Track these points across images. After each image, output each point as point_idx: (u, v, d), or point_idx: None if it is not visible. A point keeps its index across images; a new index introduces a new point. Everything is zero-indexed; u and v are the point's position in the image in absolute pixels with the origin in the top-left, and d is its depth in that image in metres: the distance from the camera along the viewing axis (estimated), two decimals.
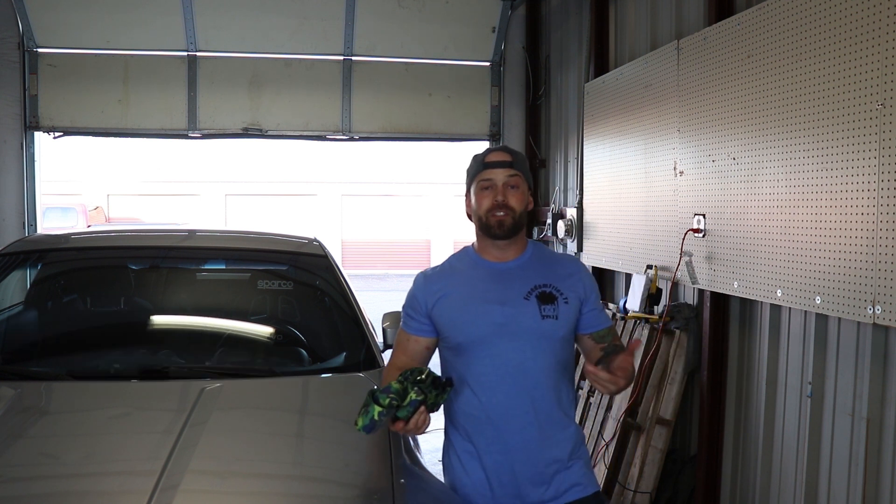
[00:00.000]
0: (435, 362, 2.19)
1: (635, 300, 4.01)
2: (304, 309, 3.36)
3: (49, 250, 3.42)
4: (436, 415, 1.98)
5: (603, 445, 4.08)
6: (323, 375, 2.85)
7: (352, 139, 6.28)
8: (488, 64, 6.30)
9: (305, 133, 6.22)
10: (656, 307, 3.97)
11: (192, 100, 5.97)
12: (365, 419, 1.87)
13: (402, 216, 26.47)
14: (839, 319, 2.80)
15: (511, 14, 6.18)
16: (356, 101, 6.16)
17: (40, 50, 5.79)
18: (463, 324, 2.09)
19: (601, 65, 4.84)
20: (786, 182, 2.91)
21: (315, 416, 2.56)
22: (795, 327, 3.09)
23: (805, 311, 3.00)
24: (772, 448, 3.23)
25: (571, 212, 5.17)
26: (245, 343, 3.11)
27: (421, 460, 2.42)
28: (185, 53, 5.95)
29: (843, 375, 2.80)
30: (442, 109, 6.26)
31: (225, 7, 5.88)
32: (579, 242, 5.05)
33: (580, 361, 2.81)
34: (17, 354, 2.94)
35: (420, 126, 6.27)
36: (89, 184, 24.70)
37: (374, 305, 3.51)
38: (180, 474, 1.92)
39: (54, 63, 5.82)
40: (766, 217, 3.03)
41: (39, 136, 5.89)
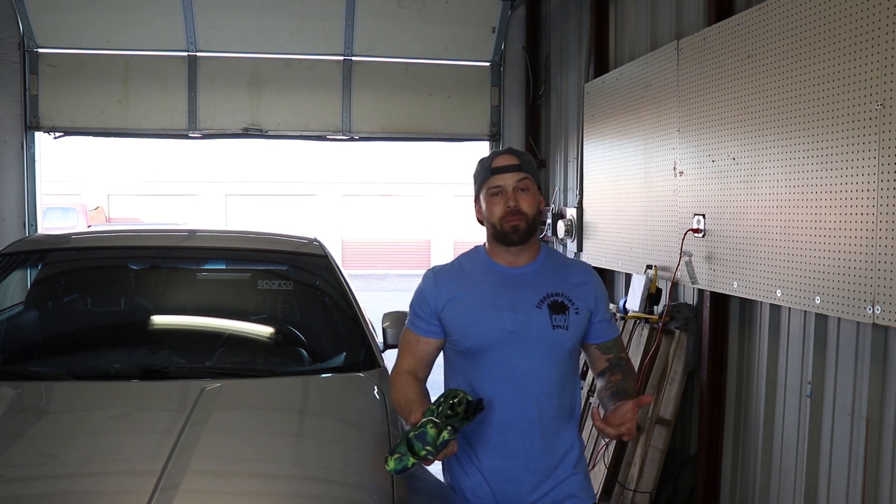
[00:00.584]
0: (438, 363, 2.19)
1: (635, 300, 4.02)
2: (305, 309, 3.36)
3: (49, 250, 3.42)
4: None
5: (603, 445, 4.08)
6: (323, 375, 2.85)
7: (352, 139, 6.28)
8: (488, 64, 6.31)
9: (305, 133, 6.22)
10: (656, 307, 3.98)
11: (193, 100, 5.98)
12: (398, 465, 1.84)
13: (402, 216, 26.48)
14: (839, 319, 2.80)
15: (511, 14, 6.18)
16: (356, 102, 6.17)
17: (41, 50, 5.80)
18: (473, 329, 2.05)
19: (601, 65, 4.85)
20: (785, 182, 2.91)
21: (315, 416, 2.56)
22: (795, 327, 3.09)
23: (805, 311, 3.00)
24: (771, 448, 3.24)
25: (571, 212, 5.17)
26: (245, 343, 3.12)
27: None
28: (186, 53, 5.96)
29: (843, 375, 2.80)
30: (442, 109, 6.27)
31: (225, 7, 5.89)
32: (579, 242, 5.05)
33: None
34: (18, 354, 2.94)
35: (420, 126, 6.27)
36: (89, 184, 24.71)
37: (374, 305, 3.51)
38: (180, 474, 1.92)
39: (55, 63, 5.83)
40: (766, 217, 3.03)
41: (40, 137, 5.89)
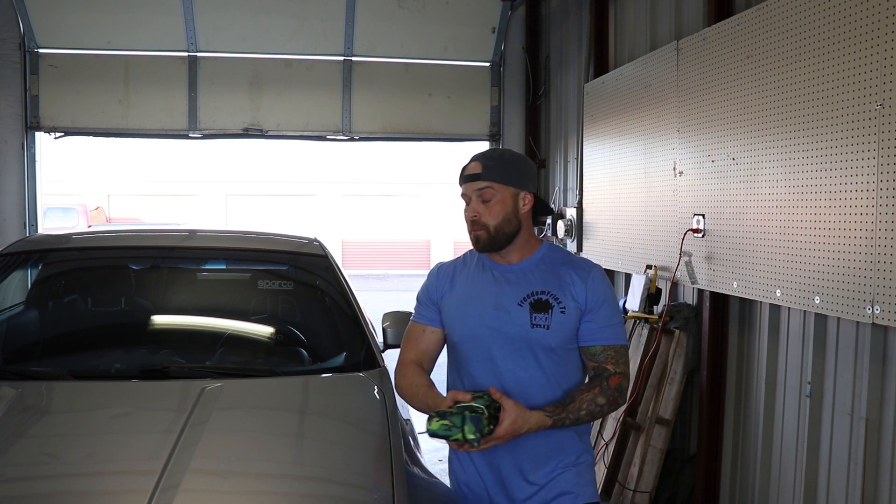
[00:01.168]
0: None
1: (635, 300, 4.02)
2: (305, 309, 3.37)
3: (50, 250, 3.42)
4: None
5: (603, 445, 4.09)
6: (323, 375, 2.85)
7: (352, 139, 6.29)
8: (488, 64, 6.31)
9: (305, 133, 6.23)
10: (656, 307, 3.98)
11: (193, 100, 5.99)
12: (443, 431, 1.82)
13: (402, 216, 26.48)
14: (838, 319, 2.81)
15: (511, 14, 6.19)
16: (356, 102, 6.18)
17: (41, 50, 5.80)
18: (458, 322, 2.09)
19: (601, 65, 4.85)
20: (785, 182, 2.91)
21: (315, 416, 2.56)
22: (795, 327, 3.09)
23: (804, 311, 3.00)
24: (771, 447, 3.24)
25: (571, 212, 5.17)
26: (245, 343, 3.12)
27: (421, 460, 2.43)
28: (186, 54, 5.96)
29: (842, 375, 2.80)
30: (442, 110, 6.27)
31: (225, 8, 5.89)
32: (579, 242, 5.06)
33: None
34: (18, 354, 2.94)
35: (420, 126, 6.28)
36: (90, 184, 24.72)
37: (374, 305, 3.51)
38: (181, 474, 1.93)
39: (55, 63, 5.84)
40: (766, 217, 3.03)
41: (40, 137, 5.90)
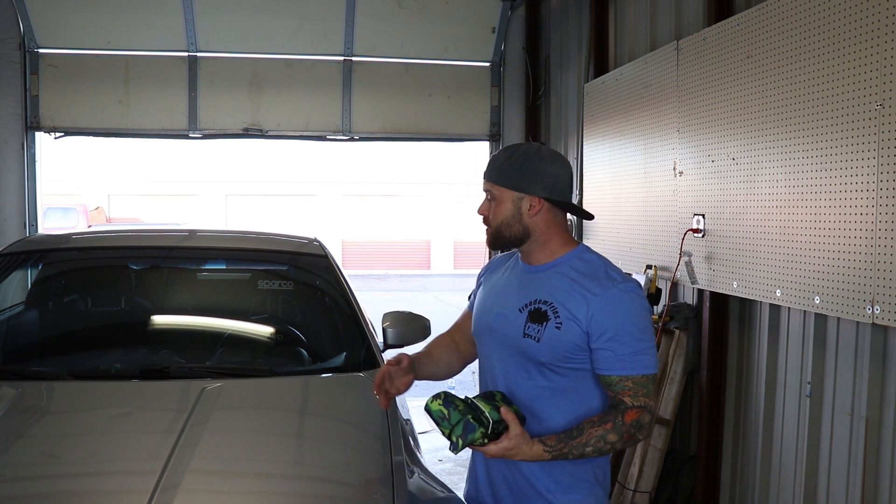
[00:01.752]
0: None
1: None
2: (305, 309, 3.37)
3: (50, 250, 3.43)
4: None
5: None
6: (323, 375, 2.86)
7: (352, 139, 6.29)
8: (488, 64, 6.31)
9: (305, 133, 6.23)
10: (656, 307, 3.98)
11: (193, 100, 5.99)
12: (455, 417, 1.74)
13: (402, 216, 26.49)
14: (838, 319, 2.81)
15: (511, 14, 6.19)
16: (356, 102, 6.18)
17: (41, 50, 5.80)
18: (475, 316, 2.06)
19: (601, 65, 4.85)
20: (785, 182, 2.91)
21: (315, 416, 2.57)
22: (795, 327, 3.09)
23: (804, 311, 3.00)
24: (771, 447, 3.24)
25: None
26: (245, 343, 3.12)
27: (421, 460, 2.43)
28: (186, 54, 5.96)
29: (842, 375, 2.80)
30: (442, 110, 6.27)
31: (225, 8, 5.89)
32: None
33: None
34: (19, 354, 2.94)
35: (420, 126, 6.28)
36: (90, 184, 24.72)
37: (374, 305, 3.51)
38: (181, 474, 1.93)
39: (55, 63, 5.83)
40: (766, 217, 3.03)
41: (40, 137, 5.90)
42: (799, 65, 2.81)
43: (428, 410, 1.78)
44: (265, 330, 3.25)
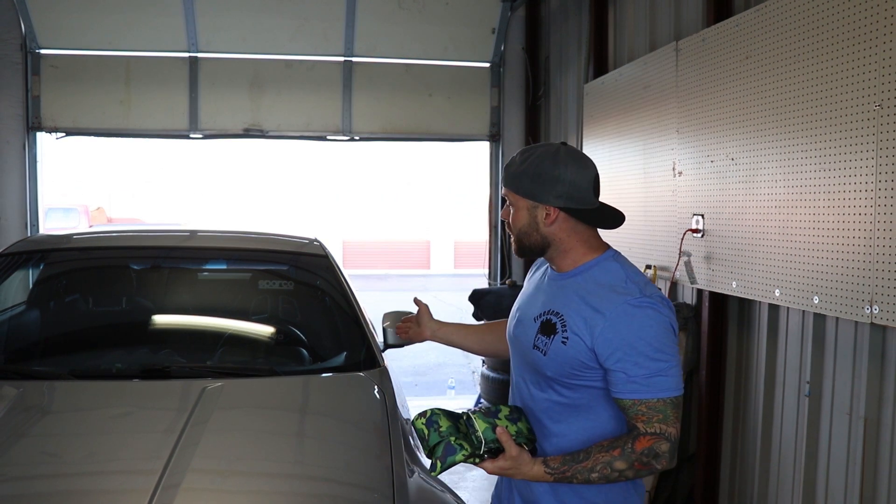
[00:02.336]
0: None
1: None
2: (305, 309, 3.38)
3: (51, 250, 3.43)
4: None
5: None
6: (323, 375, 2.86)
7: (352, 140, 6.30)
8: (488, 65, 6.32)
9: (306, 134, 6.24)
10: None
11: (194, 101, 6.00)
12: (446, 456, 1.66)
13: (402, 216, 26.49)
14: (837, 319, 2.81)
15: (511, 15, 6.20)
16: (356, 102, 6.19)
17: (43, 51, 5.82)
18: (509, 320, 1.99)
19: (600, 66, 4.86)
20: (784, 182, 2.92)
21: (316, 416, 2.57)
22: (793, 327, 3.10)
23: (803, 311, 3.01)
24: (770, 447, 3.25)
25: None
26: (246, 343, 3.13)
27: (421, 459, 2.44)
28: (187, 54, 5.98)
29: (841, 375, 2.81)
30: (442, 110, 6.29)
31: (226, 8, 5.91)
32: None
33: None
34: (20, 354, 2.95)
35: (420, 126, 6.29)
36: (91, 184, 24.74)
37: (375, 305, 3.52)
38: (182, 473, 1.94)
39: (56, 64, 5.85)
40: (765, 217, 3.04)
41: (42, 137, 5.92)
42: (798, 65, 2.82)
43: (412, 426, 1.72)
44: (266, 330, 3.26)
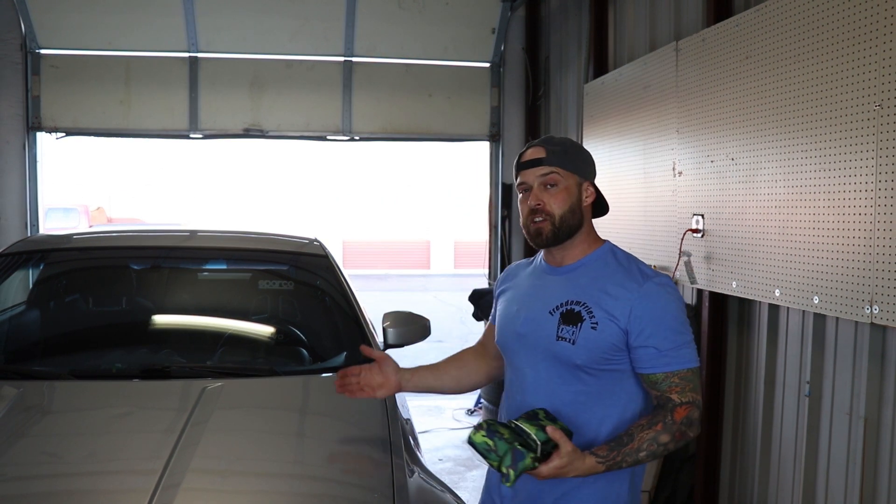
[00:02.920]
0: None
1: None
2: (305, 309, 3.38)
3: (51, 250, 3.43)
4: (431, 414, 1.95)
5: None
6: (324, 375, 2.86)
7: (352, 140, 6.30)
8: (488, 65, 6.32)
9: (306, 134, 6.25)
10: None
11: (194, 100, 6.00)
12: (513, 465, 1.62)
13: (402, 216, 26.50)
14: (837, 319, 2.81)
15: (511, 15, 6.20)
16: (357, 102, 6.19)
17: (43, 51, 5.82)
18: (499, 325, 1.99)
19: (600, 66, 4.86)
20: (784, 182, 2.92)
21: (316, 416, 2.57)
22: (793, 327, 3.10)
23: (803, 311, 3.01)
24: (770, 447, 3.25)
25: None
26: (246, 342, 3.13)
27: (421, 460, 2.44)
28: (187, 54, 5.98)
29: (841, 375, 2.81)
30: (442, 110, 6.29)
31: (226, 8, 5.91)
32: None
33: None
34: (20, 354, 2.95)
35: (420, 126, 6.29)
36: (91, 184, 24.75)
37: (375, 305, 3.52)
38: (182, 473, 1.94)
39: (56, 64, 5.85)
40: (765, 217, 3.04)
41: (42, 137, 5.92)
42: (798, 65, 2.82)
43: (472, 443, 1.67)
44: (266, 330, 3.26)
